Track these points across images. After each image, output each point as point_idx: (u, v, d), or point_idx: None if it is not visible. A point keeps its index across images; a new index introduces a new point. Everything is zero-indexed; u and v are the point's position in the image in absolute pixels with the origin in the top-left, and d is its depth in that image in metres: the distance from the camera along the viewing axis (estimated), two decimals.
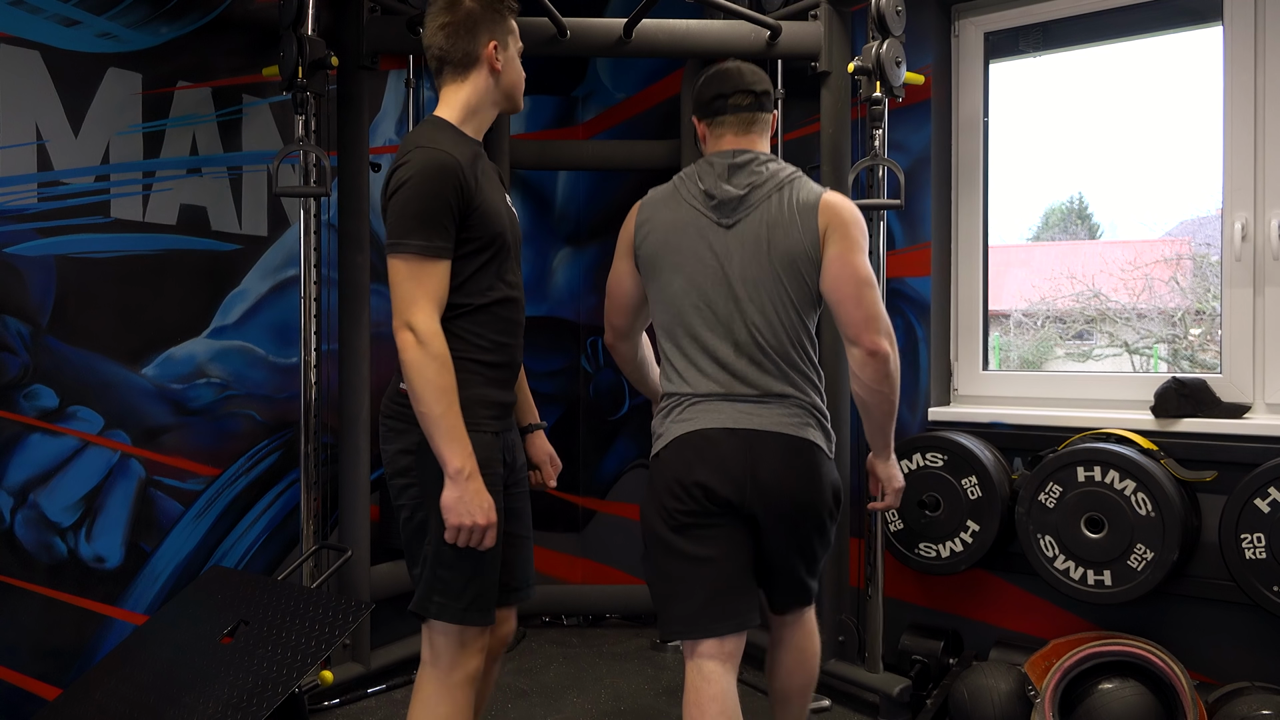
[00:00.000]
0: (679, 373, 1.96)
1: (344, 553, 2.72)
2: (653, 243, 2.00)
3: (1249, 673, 2.49)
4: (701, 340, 1.94)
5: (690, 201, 2.01)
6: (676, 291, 1.96)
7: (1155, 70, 3.03)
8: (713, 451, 1.89)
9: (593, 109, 4.05)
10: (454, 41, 1.85)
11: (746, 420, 1.90)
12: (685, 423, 1.93)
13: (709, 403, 1.92)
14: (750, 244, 1.93)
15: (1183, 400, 2.63)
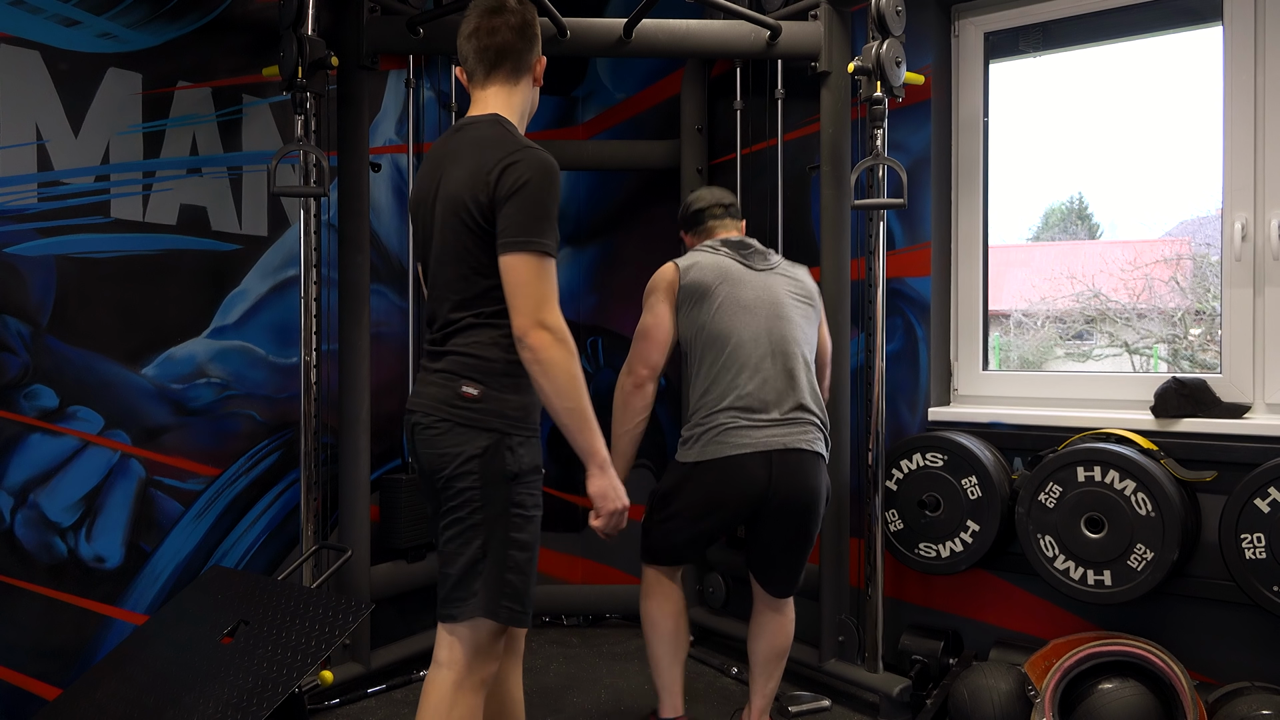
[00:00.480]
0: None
1: (344, 553, 2.72)
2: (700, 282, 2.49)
3: (1249, 673, 2.49)
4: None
5: (721, 253, 2.53)
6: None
7: (1155, 70, 3.03)
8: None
9: (593, 109, 4.06)
10: (523, 42, 1.87)
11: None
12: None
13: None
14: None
15: (1183, 400, 2.63)
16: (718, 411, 2.38)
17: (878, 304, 2.86)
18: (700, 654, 3.38)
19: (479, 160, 1.77)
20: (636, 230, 3.91)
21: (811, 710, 2.89)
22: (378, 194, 3.32)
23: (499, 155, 1.75)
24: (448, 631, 1.84)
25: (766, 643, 2.57)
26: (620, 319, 3.95)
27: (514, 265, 1.73)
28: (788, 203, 3.41)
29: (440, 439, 1.83)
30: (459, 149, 1.84)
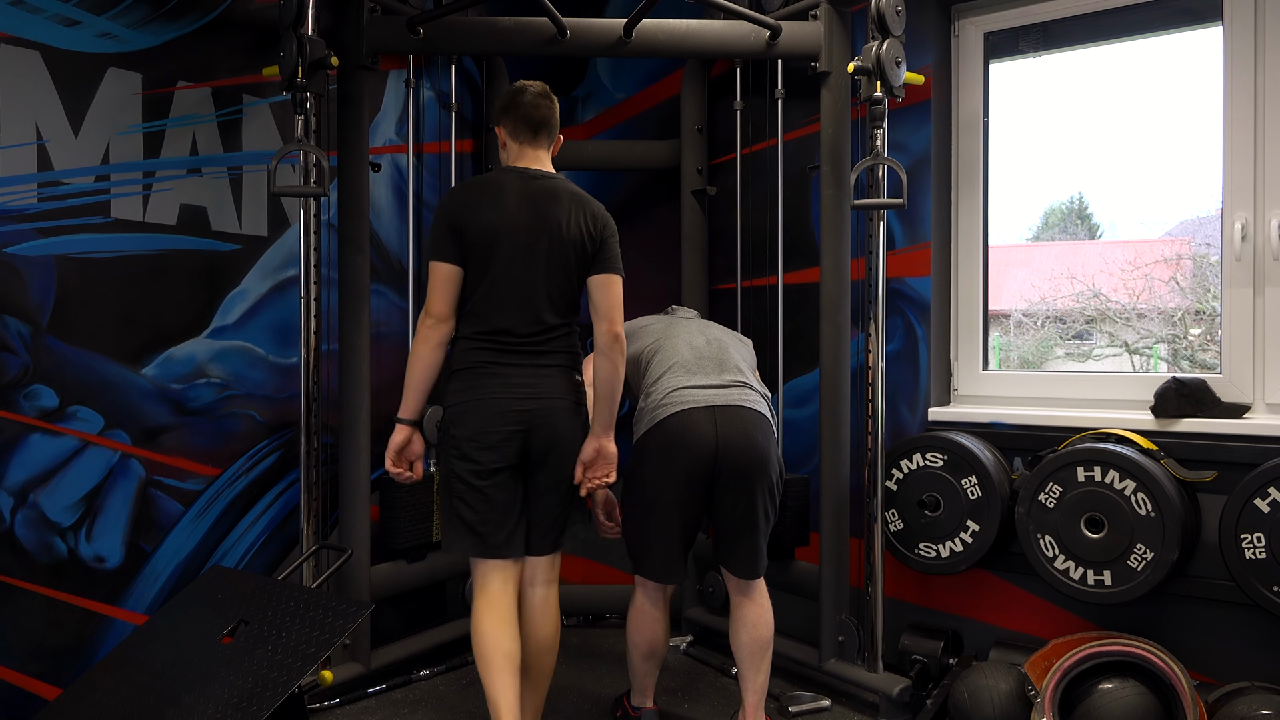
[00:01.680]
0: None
1: (344, 553, 2.72)
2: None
3: (1249, 673, 2.49)
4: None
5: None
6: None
7: (1155, 70, 3.03)
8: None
9: (593, 109, 4.06)
10: (557, 120, 2.50)
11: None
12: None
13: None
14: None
15: (1183, 400, 2.63)
16: (658, 382, 2.55)
17: (878, 304, 2.86)
18: (700, 654, 3.39)
19: (584, 209, 2.41)
20: (636, 230, 3.91)
21: (811, 710, 2.89)
22: (378, 194, 3.32)
23: (595, 208, 2.44)
24: (549, 559, 2.46)
25: (748, 634, 2.57)
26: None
27: (612, 283, 2.41)
28: (788, 203, 3.41)
29: (568, 418, 2.40)
30: (554, 195, 2.39)
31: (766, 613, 2.59)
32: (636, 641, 2.65)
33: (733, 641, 2.61)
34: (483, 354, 2.38)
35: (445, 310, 2.36)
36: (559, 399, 2.39)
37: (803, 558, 3.22)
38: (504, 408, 2.34)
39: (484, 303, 2.37)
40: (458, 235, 2.34)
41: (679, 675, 3.21)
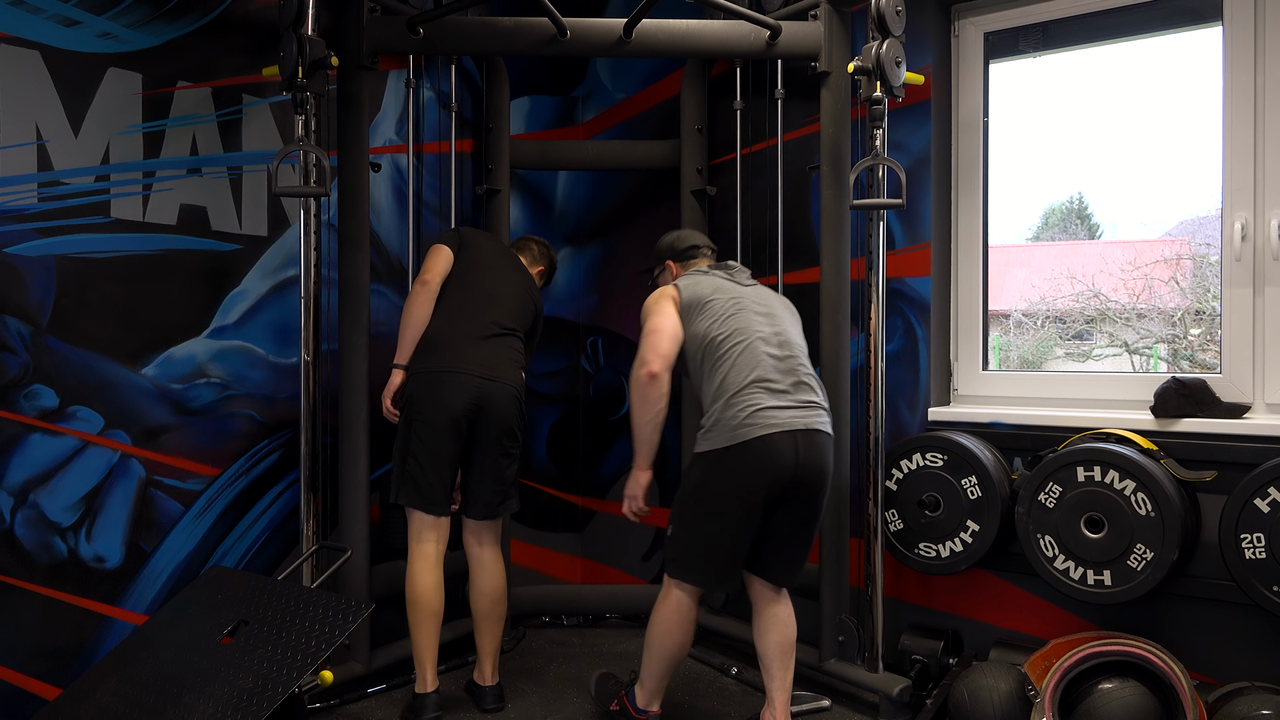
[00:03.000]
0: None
1: (344, 553, 2.72)
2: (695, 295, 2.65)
3: (1249, 673, 2.49)
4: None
5: (709, 272, 2.74)
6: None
7: (1155, 70, 3.03)
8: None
9: (593, 109, 4.06)
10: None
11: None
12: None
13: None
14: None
15: (1183, 400, 2.63)
16: (740, 394, 2.43)
17: (878, 304, 2.86)
18: (700, 654, 3.38)
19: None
20: (636, 230, 3.91)
21: (811, 710, 2.89)
22: (378, 194, 3.32)
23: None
24: (491, 523, 2.89)
25: (780, 633, 2.56)
26: (620, 319, 3.95)
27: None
28: (788, 203, 3.41)
29: (517, 403, 2.84)
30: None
31: (791, 612, 2.61)
32: (666, 644, 2.57)
33: (761, 642, 2.59)
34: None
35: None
36: (512, 383, 2.88)
37: None
38: (463, 382, 2.84)
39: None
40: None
41: (679, 675, 3.21)
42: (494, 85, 3.58)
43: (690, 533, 2.50)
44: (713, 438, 2.45)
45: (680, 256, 2.88)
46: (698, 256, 2.86)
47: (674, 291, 2.63)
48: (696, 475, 2.49)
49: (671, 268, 2.88)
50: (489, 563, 2.89)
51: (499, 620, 2.91)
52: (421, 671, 2.77)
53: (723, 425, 2.43)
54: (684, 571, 2.52)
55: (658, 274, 2.95)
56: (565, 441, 4.00)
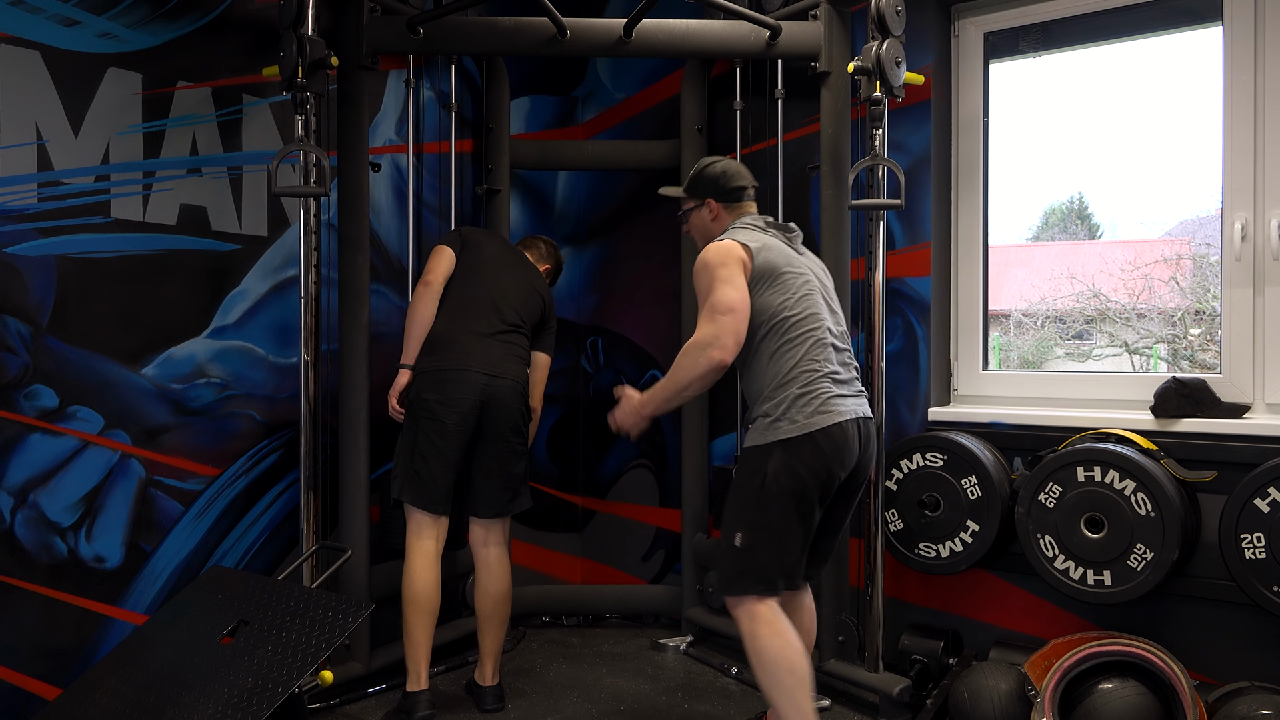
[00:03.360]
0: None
1: (344, 553, 2.72)
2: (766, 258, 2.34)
3: (1249, 673, 2.49)
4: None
5: (768, 231, 2.45)
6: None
7: (1155, 70, 3.03)
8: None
9: (593, 109, 4.06)
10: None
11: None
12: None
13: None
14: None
15: (1183, 400, 2.63)
16: (810, 381, 2.24)
17: (878, 304, 2.86)
18: (700, 654, 3.39)
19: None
20: (636, 230, 3.91)
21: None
22: (378, 194, 3.32)
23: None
24: (500, 523, 2.90)
25: (810, 620, 2.49)
26: (620, 319, 3.96)
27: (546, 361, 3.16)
28: (788, 203, 3.41)
29: (523, 400, 2.88)
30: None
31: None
32: (791, 671, 2.18)
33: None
34: None
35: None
36: (519, 380, 2.92)
37: None
38: (471, 379, 2.89)
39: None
40: None
41: (679, 675, 3.21)
42: (494, 85, 3.58)
43: (767, 535, 2.22)
44: (780, 426, 2.22)
45: (726, 196, 2.51)
46: (744, 199, 2.53)
47: (743, 254, 2.30)
48: (769, 469, 2.21)
49: (713, 207, 2.52)
50: (495, 563, 2.89)
51: (502, 622, 2.91)
52: (415, 669, 2.77)
53: (788, 412, 2.22)
54: (759, 583, 2.22)
55: (690, 209, 2.56)
56: (565, 441, 4.00)
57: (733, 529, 2.25)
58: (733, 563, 2.24)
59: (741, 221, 2.46)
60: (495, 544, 2.90)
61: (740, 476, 2.29)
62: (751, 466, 2.25)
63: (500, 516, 2.89)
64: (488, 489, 2.86)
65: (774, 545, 2.22)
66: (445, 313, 2.89)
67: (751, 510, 2.23)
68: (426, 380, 2.79)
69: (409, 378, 2.86)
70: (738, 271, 2.26)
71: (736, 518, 2.26)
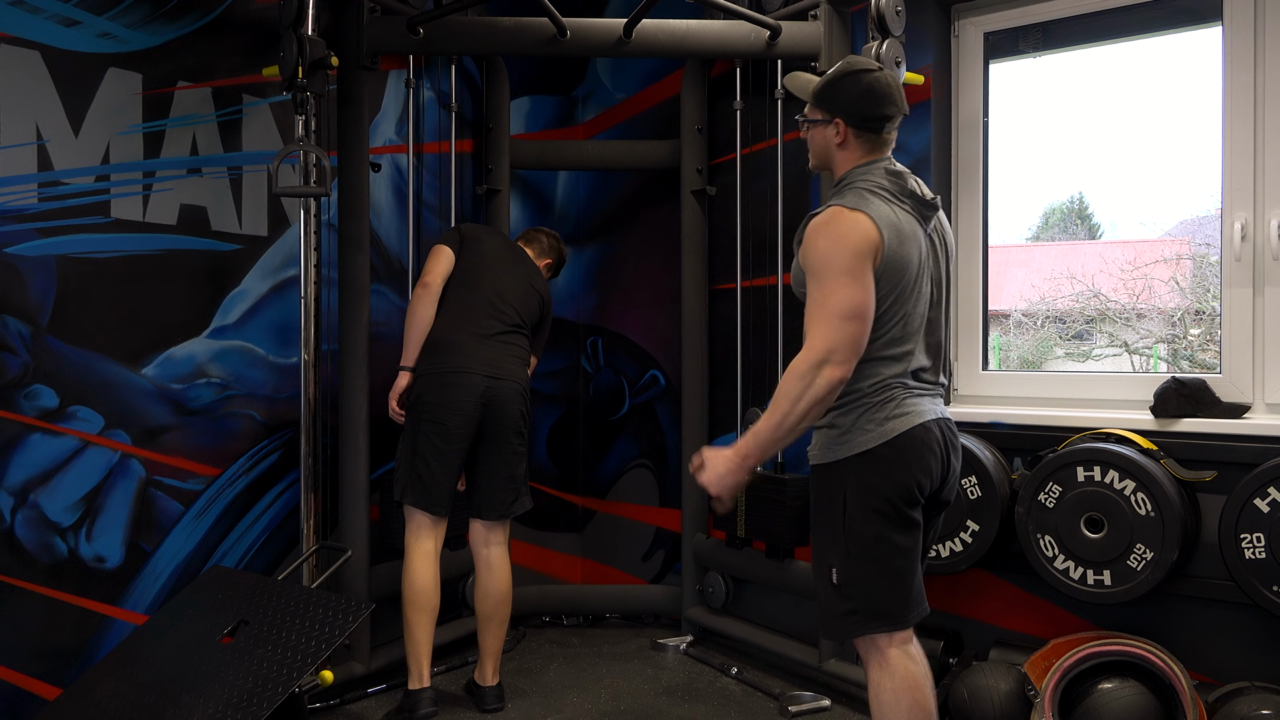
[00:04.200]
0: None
1: (344, 553, 2.72)
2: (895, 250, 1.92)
3: (1249, 673, 2.49)
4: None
5: (904, 206, 1.99)
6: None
7: (1155, 70, 3.03)
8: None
9: (593, 109, 4.06)
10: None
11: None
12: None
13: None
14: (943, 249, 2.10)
15: (1183, 400, 2.63)
16: (883, 387, 1.92)
17: None
18: (700, 654, 3.39)
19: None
20: (636, 230, 3.91)
21: (811, 710, 2.89)
22: (378, 194, 3.32)
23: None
24: (501, 524, 2.91)
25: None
26: (620, 319, 3.96)
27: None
28: (788, 203, 3.41)
29: (524, 401, 2.87)
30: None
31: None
32: (912, 705, 1.90)
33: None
34: None
35: None
36: (520, 381, 2.92)
37: (803, 558, 3.22)
38: (469, 382, 2.87)
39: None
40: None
41: (679, 675, 3.21)
42: (494, 85, 3.58)
43: (865, 565, 1.91)
44: (856, 437, 1.92)
45: (864, 122, 1.97)
46: (885, 132, 2.00)
47: (875, 238, 1.87)
48: (847, 490, 1.92)
49: (841, 129, 1.99)
50: (496, 564, 2.89)
51: (503, 622, 2.91)
52: (418, 668, 2.77)
53: (864, 420, 1.92)
54: (874, 619, 1.91)
55: (809, 127, 2.06)
56: (565, 441, 4.00)
57: (825, 564, 1.95)
58: (837, 601, 1.93)
59: (875, 178, 1.97)
60: (496, 544, 2.90)
61: (817, 501, 1.98)
62: (826, 488, 1.95)
63: (504, 518, 2.89)
64: (490, 491, 2.86)
65: (878, 574, 1.90)
66: (445, 314, 2.88)
67: (840, 538, 1.92)
68: (427, 382, 2.78)
69: (409, 379, 2.85)
70: (868, 264, 1.86)
71: (826, 551, 1.95)
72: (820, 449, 1.96)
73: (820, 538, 1.97)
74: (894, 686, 1.90)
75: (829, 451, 1.94)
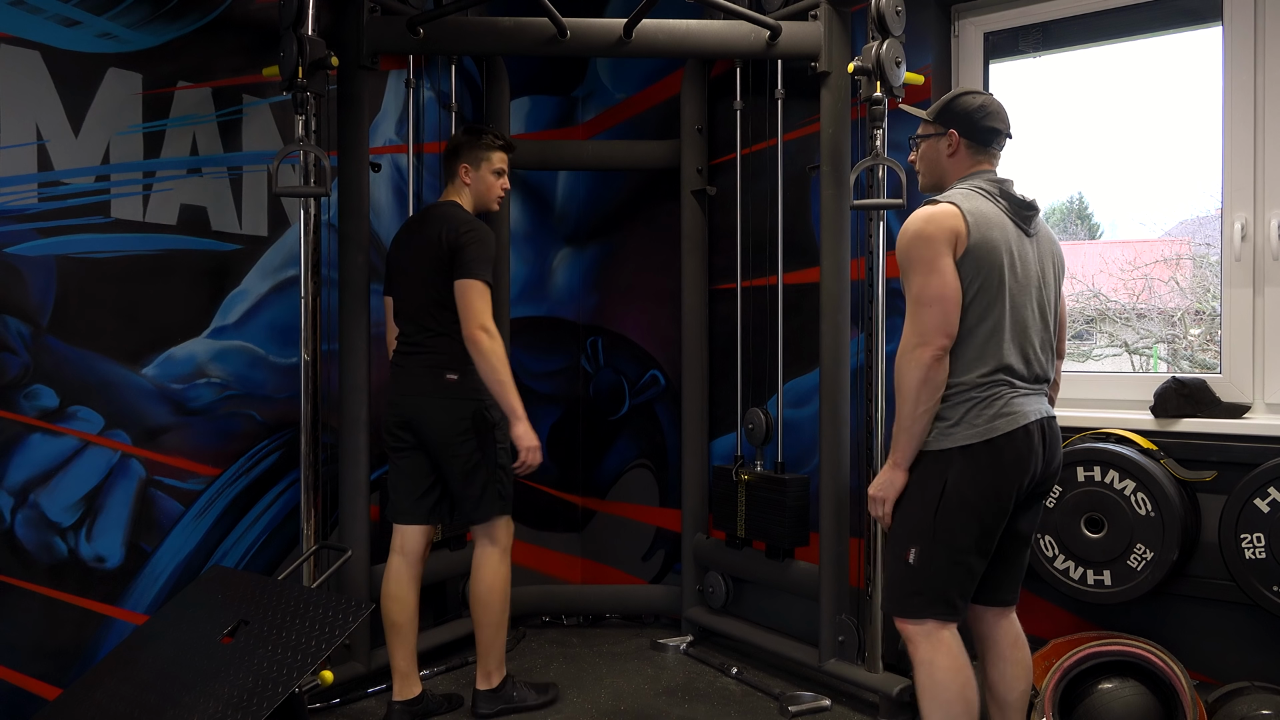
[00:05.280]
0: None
1: (344, 553, 2.72)
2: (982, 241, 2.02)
3: (1249, 673, 2.49)
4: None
5: (999, 204, 2.10)
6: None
7: (1155, 70, 3.03)
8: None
9: (593, 109, 4.06)
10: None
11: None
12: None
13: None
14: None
15: (1183, 400, 2.63)
16: (989, 383, 2.00)
17: (878, 304, 2.86)
18: (700, 654, 3.39)
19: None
20: (636, 230, 3.91)
21: (811, 710, 2.89)
22: (378, 194, 3.32)
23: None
24: (481, 526, 2.79)
25: (1022, 653, 2.17)
26: (620, 319, 3.96)
27: (465, 287, 2.62)
28: (788, 203, 3.41)
29: (447, 412, 2.71)
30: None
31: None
32: (967, 712, 2.00)
33: (997, 691, 2.16)
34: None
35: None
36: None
37: (803, 558, 3.22)
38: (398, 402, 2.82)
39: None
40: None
41: (679, 675, 3.21)
42: (494, 85, 3.58)
43: (944, 552, 2.00)
44: (957, 431, 2.00)
45: (975, 134, 2.14)
46: (992, 147, 2.17)
47: (959, 225, 1.99)
48: (950, 478, 2.00)
49: (953, 140, 2.15)
50: (476, 564, 2.82)
51: (485, 625, 2.79)
52: (395, 680, 2.76)
53: (966, 415, 1.99)
54: (937, 604, 2.01)
55: (927, 136, 2.20)
56: (565, 441, 4.00)
57: (905, 543, 2.03)
58: (907, 581, 2.03)
59: (975, 181, 2.11)
60: (479, 545, 2.81)
61: (913, 483, 2.05)
62: (925, 473, 2.03)
63: (472, 524, 2.80)
64: (456, 499, 2.79)
65: (953, 563, 1.99)
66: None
67: (928, 523, 2.00)
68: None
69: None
70: (944, 252, 1.98)
71: (911, 531, 2.03)
72: (928, 435, 2.04)
73: (906, 517, 2.05)
74: (949, 664, 2.00)
75: (935, 440, 2.02)
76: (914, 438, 2.02)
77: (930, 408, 2.01)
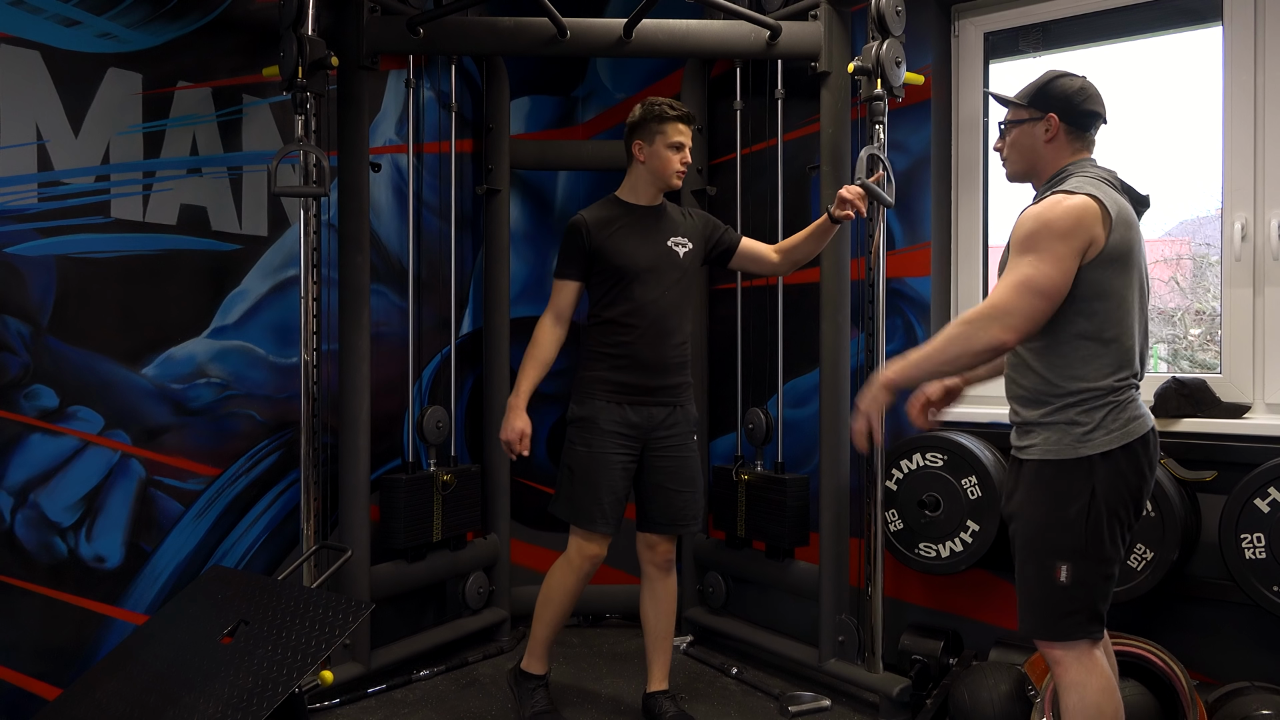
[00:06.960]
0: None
1: (344, 553, 2.71)
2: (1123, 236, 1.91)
3: (1249, 673, 2.49)
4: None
5: (1124, 198, 1.98)
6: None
7: (1155, 70, 3.03)
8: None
9: (593, 109, 4.05)
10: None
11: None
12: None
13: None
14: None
15: (1183, 400, 2.63)
16: (1124, 386, 1.92)
17: (878, 304, 2.86)
18: (700, 654, 3.39)
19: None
20: None
21: (811, 710, 2.89)
22: (378, 194, 3.32)
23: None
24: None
25: (1111, 662, 2.11)
26: None
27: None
28: (788, 203, 3.41)
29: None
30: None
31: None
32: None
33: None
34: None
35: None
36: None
37: (803, 558, 3.22)
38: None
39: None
40: None
41: (679, 675, 3.21)
42: (494, 85, 3.58)
43: (1099, 566, 1.90)
44: (1095, 436, 1.88)
45: (1076, 119, 2.01)
46: (1092, 132, 2.04)
47: (1100, 219, 1.86)
48: (1097, 489, 1.89)
49: (1053, 125, 2.02)
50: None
51: (534, 619, 2.84)
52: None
53: (1104, 419, 1.89)
54: (1093, 622, 1.91)
55: (1020, 122, 2.10)
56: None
57: (1052, 560, 1.90)
58: (1061, 601, 1.89)
59: (1096, 170, 1.98)
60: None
61: (1047, 498, 1.92)
62: (1064, 485, 1.90)
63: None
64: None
65: (1105, 576, 1.90)
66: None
67: (1079, 535, 1.88)
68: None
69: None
70: (1073, 247, 1.85)
71: (1057, 547, 1.90)
72: (1057, 445, 1.92)
73: (1049, 535, 1.91)
74: (1102, 684, 1.90)
75: (1070, 448, 1.90)
76: (926, 375, 1.98)
77: (958, 370, 1.99)
